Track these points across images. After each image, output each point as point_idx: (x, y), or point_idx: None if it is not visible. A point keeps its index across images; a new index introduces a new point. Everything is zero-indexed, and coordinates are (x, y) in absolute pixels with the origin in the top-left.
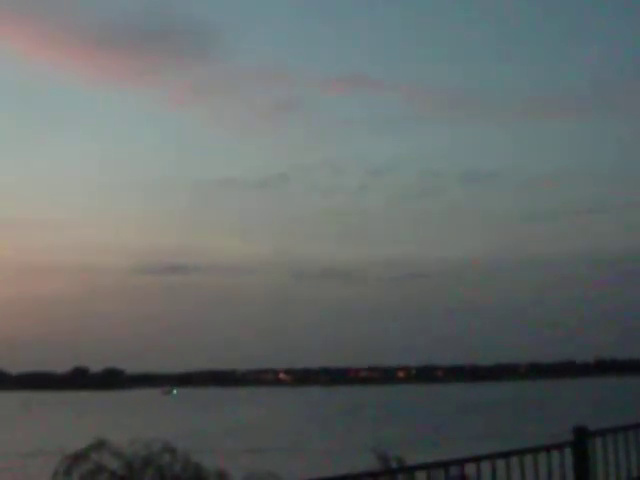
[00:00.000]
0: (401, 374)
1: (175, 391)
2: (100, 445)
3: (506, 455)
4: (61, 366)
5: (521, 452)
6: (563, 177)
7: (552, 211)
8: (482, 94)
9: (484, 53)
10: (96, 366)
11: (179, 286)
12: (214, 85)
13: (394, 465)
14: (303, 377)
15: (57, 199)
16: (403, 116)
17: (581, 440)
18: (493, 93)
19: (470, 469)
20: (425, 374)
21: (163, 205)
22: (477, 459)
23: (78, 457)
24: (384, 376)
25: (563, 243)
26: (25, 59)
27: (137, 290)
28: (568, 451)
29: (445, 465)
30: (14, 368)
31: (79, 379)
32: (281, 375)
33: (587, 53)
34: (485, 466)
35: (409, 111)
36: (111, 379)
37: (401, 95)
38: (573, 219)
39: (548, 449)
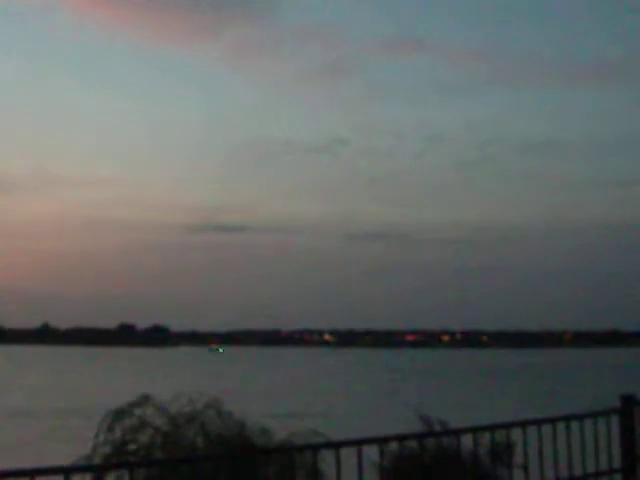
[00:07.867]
0: (446, 338)
1: (221, 349)
2: (144, 401)
3: (552, 421)
4: (108, 322)
5: (567, 418)
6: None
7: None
8: (545, 59)
9: (546, 17)
10: (143, 323)
11: (229, 245)
12: (267, 45)
13: (438, 428)
14: (348, 339)
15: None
16: (464, 81)
17: (628, 408)
18: (557, 58)
19: (516, 434)
20: (470, 339)
21: (219, 165)
22: (524, 424)
23: (121, 413)
24: (429, 340)
25: (617, 211)
26: (73, 19)
27: (186, 248)
28: (615, 419)
29: (491, 429)
30: (62, 323)
31: (126, 335)
32: (326, 336)
33: None
34: (531, 431)
35: (470, 77)
36: (158, 336)
37: (463, 60)
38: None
39: (594, 416)
